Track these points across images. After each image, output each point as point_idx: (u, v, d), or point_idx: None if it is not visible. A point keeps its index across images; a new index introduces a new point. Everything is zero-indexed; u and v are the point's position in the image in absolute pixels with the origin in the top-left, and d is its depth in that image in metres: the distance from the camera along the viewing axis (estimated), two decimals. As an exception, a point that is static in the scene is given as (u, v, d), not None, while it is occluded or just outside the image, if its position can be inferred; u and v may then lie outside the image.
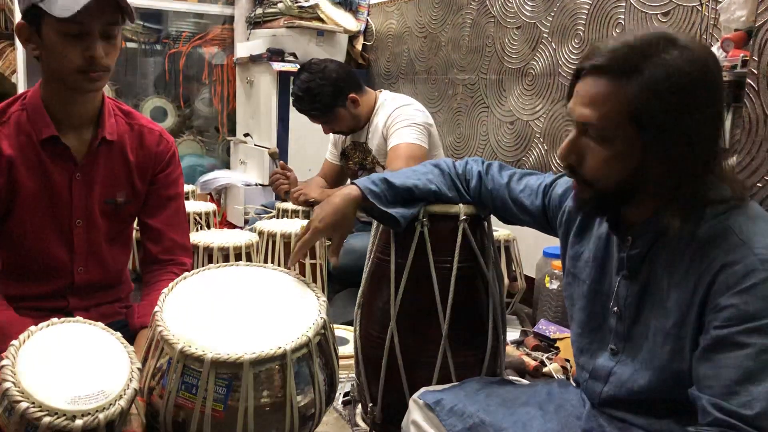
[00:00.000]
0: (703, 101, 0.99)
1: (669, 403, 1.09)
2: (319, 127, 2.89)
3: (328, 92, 2.68)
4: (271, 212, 3.03)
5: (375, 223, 1.62)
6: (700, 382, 0.98)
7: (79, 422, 1.11)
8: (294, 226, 2.50)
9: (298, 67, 2.96)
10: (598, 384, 1.19)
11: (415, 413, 1.30)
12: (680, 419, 1.07)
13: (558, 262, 2.44)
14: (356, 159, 2.86)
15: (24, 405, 1.09)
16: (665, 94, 0.98)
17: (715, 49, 1.92)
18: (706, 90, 1.00)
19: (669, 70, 0.98)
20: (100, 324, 1.33)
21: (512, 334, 2.40)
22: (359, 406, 1.74)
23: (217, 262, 2.17)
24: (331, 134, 3.00)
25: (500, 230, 2.51)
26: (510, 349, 2.19)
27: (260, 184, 3.90)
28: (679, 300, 1.05)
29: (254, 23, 4.21)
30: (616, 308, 1.16)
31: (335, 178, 3.05)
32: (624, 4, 2.43)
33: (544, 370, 2.09)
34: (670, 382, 1.07)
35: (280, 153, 3.79)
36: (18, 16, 1.54)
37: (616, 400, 1.16)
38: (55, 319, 1.29)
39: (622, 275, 1.15)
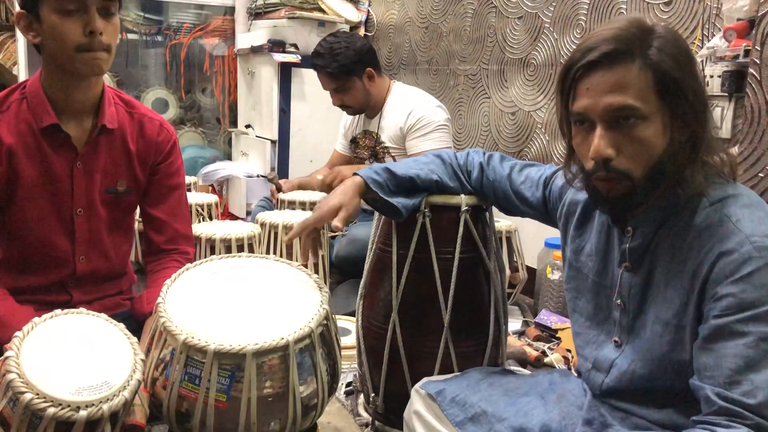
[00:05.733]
0: (695, 63, 1.07)
1: (670, 392, 1.09)
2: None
3: (350, 56, 2.69)
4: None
5: (377, 214, 1.62)
6: (701, 371, 0.99)
7: (83, 413, 1.12)
8: (296, 217, 2.50)
9: (300, 58, 2.96)
10: (600, 375, 1.20)
11: (417, 403, 1.30)
12: (681, 409, 1.07)
13: (559, 253, 2.44)
14: (366, 146, 2.86)
15: (28, 396, 1.10)
16: (678, 56, 1.03)
17: (718, 38, 1.92)
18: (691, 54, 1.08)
19: (669, 37, 1.04)
20: (104, 315, 1.34)
21: (514, 324, 2.41)
22: (361, 396, 1.75)
23: (220, 254, 2.18)
24: (342, 126, 3.00)
25: (502, 221, 2.51)
26: (511, 340, 2.19)
27: (262, 176, 3.90)
28: (678, 290, 1.05)
29: (255, 14, 4.20)
30: (619, 301, 1.17)
31: None
32: (626, -6, 2.42)
33: (546, 360, 2.10)
34: (670, 372, 1.08)
35: (281, 144, 3.79)
36: (18, 8, 1.54)
37: (618, 391, 1.17)
38: (58, 311, 1.29)
39: (624, 267, 1.15)
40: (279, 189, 2.99)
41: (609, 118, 1.03)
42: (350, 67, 2.70)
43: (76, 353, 1.22)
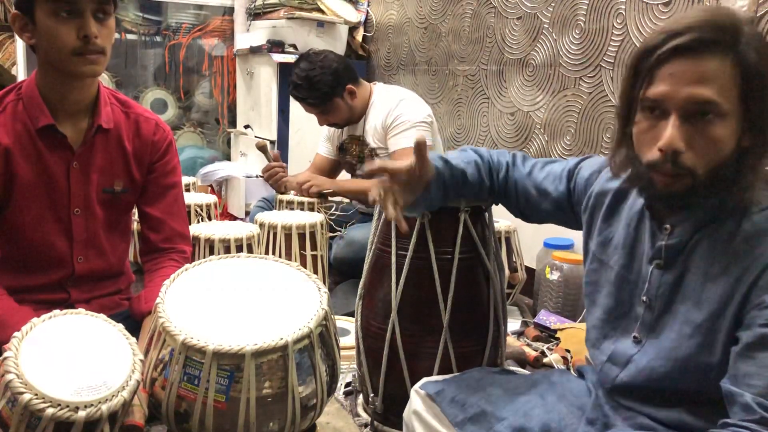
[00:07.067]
0: None
1: (684, 393, 1.08)
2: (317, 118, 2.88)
3: (327, 81, 2.69)
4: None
5: (376, 215, 1.62)
6: (740, 378, 0.96)
7: (82, 413, 1.12)
8: (295, 217, 2.50)
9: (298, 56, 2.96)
10: (615, 369, 1.18)
11: (416, 403, 1.30)
12: (691, 409, 1.06)
13: (558, 253, 2.44)
14: (354, 152, 2.86)
15: (27, 396, 1.09)
16: (765, 60, 0.98)
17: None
18: None
19: (756, 33, 0.99)
20: (102, 315, 1.34)
21: (513, 324, 2.41)
22: (360, 396, 1.75)
23: (219, 254, 2.18)
24: (325, 129, 3.00)
25: (501, 221, 2.51)
26: (511, 340, 2.19)
27: (261, 176, 3.90)
28: (717, 293, 1.03)
29: (254, 14, 4.19)
30: (645, 297, 1.14)
31: (327, 172, 3.04)
32: (625, -6, 2.42)
33: (545, 360, 2.10)
34: (693, 374, 1.06)
35: (280, 144, 3.79)
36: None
37: (630, 387, 1.15)
38: (57, 311, 1.30)
39: (656, 264, 1.12)
40: (273, 160, 2.92)
41: (687, 110, 0.98)
42: (330, 91, 2.70)
43: (74, 354, 1.22)
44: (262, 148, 2.94)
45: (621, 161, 1.13)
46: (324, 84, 2.69)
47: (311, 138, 3.75)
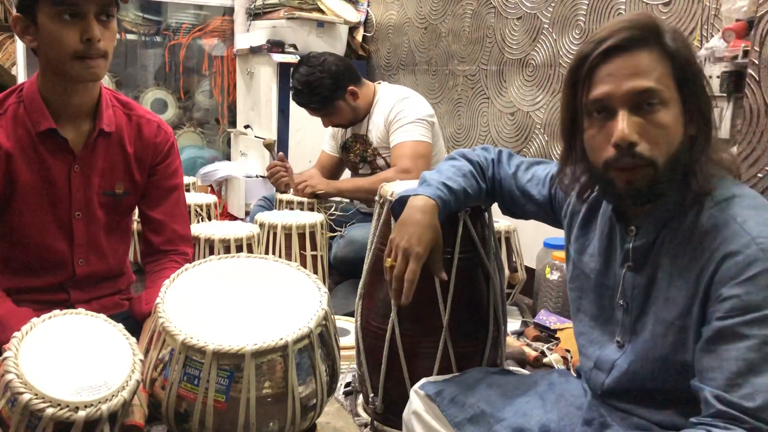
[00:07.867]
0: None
1: (671, 393, 1.09)
2: (319, 118, 2.89)
3: (328, 85, 2.69)
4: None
5: (376, 215, 1.62)
6: (702, 373, 0.98)
7: (81, 413, 1.12)
8: (295, 217, 2.50)
9: (298, 58, 2.96)
10: (601, 374, 1.19)
11: (416, 404, 1.30)
12: (682, 410, 1.06)
13: (558, 253, 2.44)
14: (357, 151, 2.86)
15: (27, 396, 1.10)
16: (690, 48, 1.05)
17: (717, 39, 1.92)
18: None
19: (677, 31, 1.06)
20: (102, 315, 1.34)
21: (513, 324, 2.40)
22: (360, 396, 1.75)
23: (219, 254, 2.18)
24: (329, 126, 3.01)
25: (501, 221, 2.51)
26: (510, 340, 2.19)
27: (261, 176, 3.91)
28: (682, 290, 1.04)
29: (254, 14, 4.19)
30: (621, 301, 1.15)
31: (332, 170, 3.05)
32: (625, -5, 2.42)
33: (545, 360, 2.10)
34: (673, 373, 1.07)
35: (280, 144, 3.79)
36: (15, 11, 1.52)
37: (618, 391, 1.16)
38: (57, 311, 1.30)
39: (627, 267, 1.14)
40: (278, 160, 2.95)
41: (632, 103, 1.02)
42: (331, 94, 2.71)
43: (74, 353, 1.22)
44: (268, 146, 2.98)
45: (571, 177, 1.16)
46: (324, 88, 2.69)
47: (311, 138, 3.76)
